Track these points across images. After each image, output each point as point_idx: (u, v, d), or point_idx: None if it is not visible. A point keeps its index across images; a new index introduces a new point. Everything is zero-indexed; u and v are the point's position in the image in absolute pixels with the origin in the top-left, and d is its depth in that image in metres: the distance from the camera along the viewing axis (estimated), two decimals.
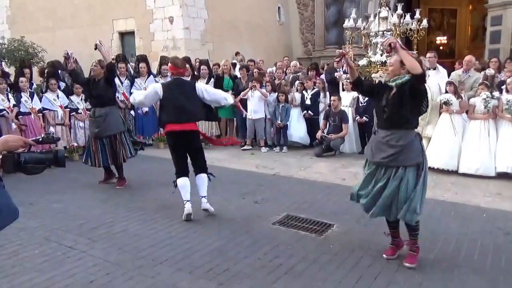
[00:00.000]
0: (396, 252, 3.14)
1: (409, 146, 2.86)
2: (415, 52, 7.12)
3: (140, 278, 2.84)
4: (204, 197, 4.06)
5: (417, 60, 2.92)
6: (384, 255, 3.13)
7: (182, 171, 4.05)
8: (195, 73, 7.91)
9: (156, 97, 4.06)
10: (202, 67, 7.72)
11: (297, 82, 7.63)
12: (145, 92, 4.34)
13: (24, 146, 1.60)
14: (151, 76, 7.78)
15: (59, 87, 7.00)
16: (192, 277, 2.85)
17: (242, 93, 7.29)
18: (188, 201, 3.97)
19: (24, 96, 6.41)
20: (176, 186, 4.07)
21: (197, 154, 4.13)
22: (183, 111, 3.90)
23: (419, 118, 3.04)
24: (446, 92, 5.60)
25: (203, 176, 4.10)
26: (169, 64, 4.32)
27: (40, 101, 6.67)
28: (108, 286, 2.75)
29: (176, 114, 3.90)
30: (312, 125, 7.28)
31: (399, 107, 2.85)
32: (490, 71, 6.03)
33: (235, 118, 7.97)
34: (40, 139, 1.68)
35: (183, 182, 4.01)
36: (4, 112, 6.07)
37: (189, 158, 4.14)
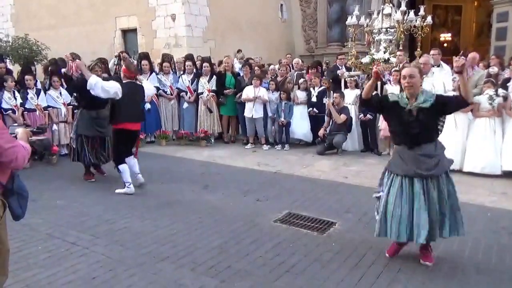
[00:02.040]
0: (399, 251, 3.13)
1: (443, 152, 2.93)
2: (419, 50, 7.11)
3: (142, 274, 2.85)
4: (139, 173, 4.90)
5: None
6: (387, 254, 3.11)
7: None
8: (197, 70, 7.90)
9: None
10: (204, 64, 7.71)
11: (301, 79, 7.60)
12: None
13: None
14: (153, 73, 7.78)
15: (61, 85, 7.02)
16: (194, 274, 2.85)
17: (248, 98, 7.21)
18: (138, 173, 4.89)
19: (30, 93, 6.45)
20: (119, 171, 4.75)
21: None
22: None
23: None
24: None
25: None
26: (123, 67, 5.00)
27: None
28: (111, 282, 2.75)
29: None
30: (317, 123, 7.25)
31: (429, 119, 2.84)
32: (493, 69, 5.98)
33: (236, 116, 7.95)
34: (34, 130, 2.18)
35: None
36: (10, 112, 6.11)
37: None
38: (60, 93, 6.84)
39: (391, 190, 2.92)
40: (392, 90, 5.81)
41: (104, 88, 4.51)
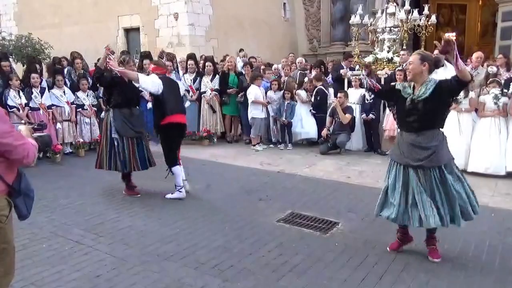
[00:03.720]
0: (401, 247, 3.14)
1: (442, 145, 2.88)
2: (423, 49, 7.07)
3: (146, 273, 2.86)
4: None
5: (432, 58, 2.91)
6: (388, 249, 3.13)
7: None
8: (200, 70, 7.90)
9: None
10: (206, 63, 7.70)
11: (306, 78, 7.58)
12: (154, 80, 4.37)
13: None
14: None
15: (65, 84, 7.05)
16: (197, 273, 2.86)
17: (259, 101, 7.16)
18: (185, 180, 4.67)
19: (35, 92, 6.46)
20: (172, 173, 4.57)
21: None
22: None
23: None
24: None
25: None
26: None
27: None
28: (114, 280, 2.76)
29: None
30: (318, 122, 7.24)
31: (428, 110, 2.83)
32: (492, 69, 5.94)
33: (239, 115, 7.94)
34: (35, 127, 2.23)
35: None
36: (15, 109, 6.13)
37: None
38: (64, 92, 6.87)
39: (390, 175, 3.03)
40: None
41: (154, 82, 4.28)
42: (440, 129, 2.93)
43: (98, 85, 6.19)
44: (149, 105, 7.10)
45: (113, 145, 4.50)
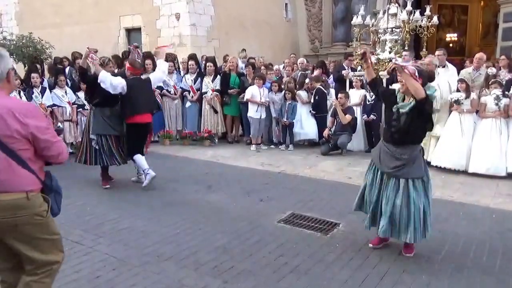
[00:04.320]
0: (382, 242, 3.23)
1: (413, 160, 2.95)
2: (424, 50, 7.06)
3: (146, 274, 2.85)
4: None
5: (426, 73, 2.96)
6: (370, 245, 3.22)
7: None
8: (201, 70, 7.90)
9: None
10: (208, 64, 7.70)
11: (307, 80, 7.57)
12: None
13: None
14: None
15: (66, 84, 7.05)
16: (197, 274, 2.85)
17: (254, 100, 7.13)
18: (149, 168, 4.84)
19: (36, 92, 6.47)
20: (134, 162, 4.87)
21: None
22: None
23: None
24: (458, 90, 5.51)
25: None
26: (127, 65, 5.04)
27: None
28: (114, 281, 2.76)
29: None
30: (319, 123, 7.22)
31: (405, 126, 2.92)
32: (492, 70, 5.93)
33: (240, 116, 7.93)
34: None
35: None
36: None
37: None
38: (66, 92, 6.87)
39: (368, 176, 3.18)
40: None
41: (112, 83, 4.60)
42: (418, 144, 3.02)
43: (81, 83, 6.42)
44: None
45: (97, 142, 4.83)
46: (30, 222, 1.94)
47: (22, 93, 6.33)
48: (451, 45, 16.67)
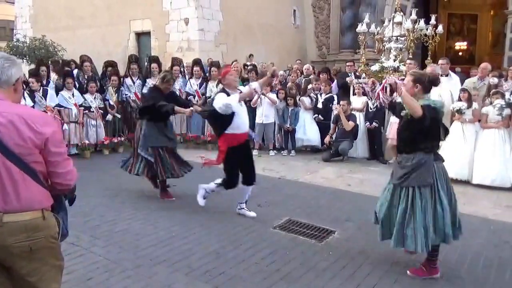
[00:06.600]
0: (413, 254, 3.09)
1: (418, 167, 2.83)
2: (429, 59, 7.02)
3: (137, 277, 2.88)
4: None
5: (426, 78, 2.91)
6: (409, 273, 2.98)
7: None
8: (205, 75, 7.96)
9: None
10: (212, 69, 7.75)
11: (310, 85, 7.59)
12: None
13: None
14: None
15: (74, 86, 7.19)
16: (188, 279, 2.87)
17: (253, 101, 7.14)
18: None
19: (37, 96, 6.55)
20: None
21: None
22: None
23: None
24: (460, 99, 5.47)
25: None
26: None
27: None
28: (105, 284, 2.79)
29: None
30: (322, 130, 7.22)
31: (408, 133, 2.88)
32: (493, 80, 5.86)
33: None
34: None
35: None
36: None
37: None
38: (73, 94, 7.00)
39: (385, 192, 3.06)
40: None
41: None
42: (424, 152, 2.85)
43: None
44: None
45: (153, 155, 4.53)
46: (45, 246, 1.71)
47: (25, 94, 6.33)
48: (460, 53, 16.52)
